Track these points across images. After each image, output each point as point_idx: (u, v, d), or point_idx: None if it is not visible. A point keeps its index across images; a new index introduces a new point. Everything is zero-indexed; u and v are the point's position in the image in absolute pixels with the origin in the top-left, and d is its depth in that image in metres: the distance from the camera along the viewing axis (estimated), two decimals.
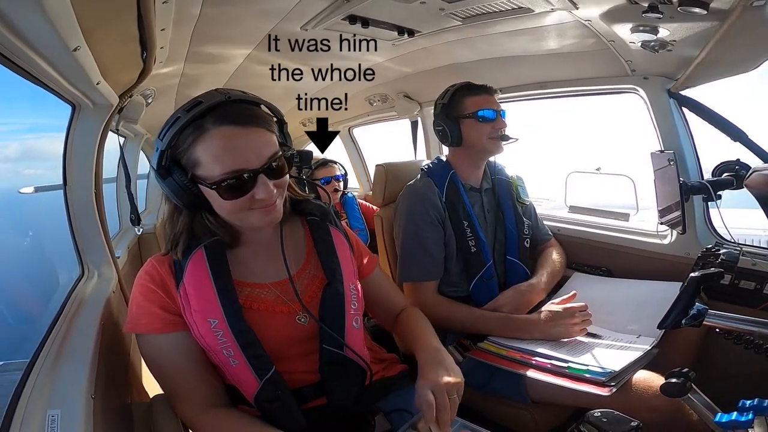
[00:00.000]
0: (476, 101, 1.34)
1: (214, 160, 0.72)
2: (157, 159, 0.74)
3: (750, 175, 0.88)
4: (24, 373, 0.72)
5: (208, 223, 0.81)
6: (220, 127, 0.72)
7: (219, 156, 0.72)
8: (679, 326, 0.81)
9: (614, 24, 1.20)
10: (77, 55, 0.81)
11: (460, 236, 1.31)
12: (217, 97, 0.73)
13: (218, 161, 0.72)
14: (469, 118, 1.33)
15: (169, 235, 0.82)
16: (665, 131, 1.43)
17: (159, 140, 0.75)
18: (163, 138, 0.74)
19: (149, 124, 2.44)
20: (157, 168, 0.74)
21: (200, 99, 0.74)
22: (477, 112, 1.32)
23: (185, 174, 0.74)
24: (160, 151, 0.74)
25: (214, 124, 0.72)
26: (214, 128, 0.72)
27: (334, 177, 2.35)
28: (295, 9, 1.30)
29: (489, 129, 1.32)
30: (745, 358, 0.88)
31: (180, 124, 0.72)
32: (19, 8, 0.62)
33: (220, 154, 0.72)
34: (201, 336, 0.78)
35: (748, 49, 1.12)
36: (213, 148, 0.72)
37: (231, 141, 0.72)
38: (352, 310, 0.86)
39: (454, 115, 1.35)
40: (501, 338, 1.17)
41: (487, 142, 1.33)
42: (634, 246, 1.52)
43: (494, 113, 1.33)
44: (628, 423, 0.63)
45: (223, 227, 0.82)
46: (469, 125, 1.34)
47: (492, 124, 1.32)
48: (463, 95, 1.35)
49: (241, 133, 0.73)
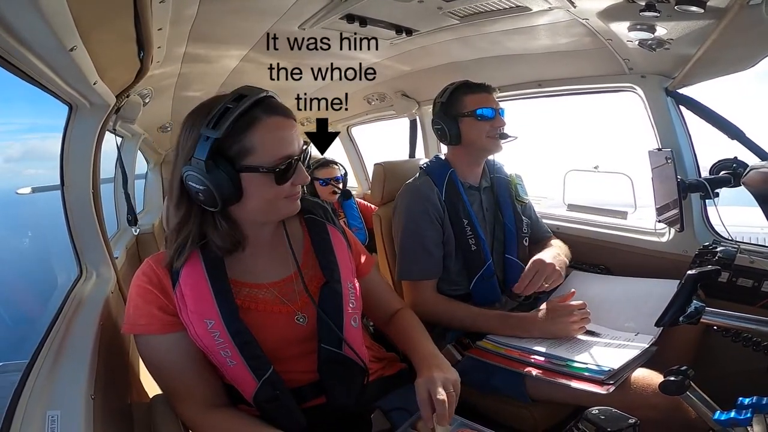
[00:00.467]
0: (475, 99, 1.33)
1: (270, 147, 0.76)
2: (209, 149, 0.73)
3: (747, 173, 0.88)
4: (23, 374, 0.72)
5: (222, 228, 0.79)
6: (273, 117, 0.77)
7: (274, 143, 0.76)
8: (677, 324, 0.81)
9: (612, 22, 1.20)
10: (74, 55, 0.81)
11: (460, 234, 1.31)
12: (258, 92, 0.77)
13: (274, 148, 0.76)
14: (468, 116, 1.33)
15: (174, 242, 0.80)
16: (663, 129, 1.44)
17: (210, 129, 0.73)
18: (216, 126, 0.73)
19: (146, 124, 2.44)
20: (206, 158, 0.73)
21: (242, 92, 0.77)
22: (476, 111, 1.32)
23: (231, 164, 0.75)
24: (214, 140, 0.73)
25: (266, 114, 0.77)
26: (267, 118, 0.76)
27: (333, 179, 2.33)
28: (292, 8, 1.30)
29: (488, 127, 1.32)
30: (743, 356, 0.88)
31: (234, 114, 0.73)
32: (16, 8, 0.62)
33: (275, 142, 0.77)
34: (198, 337, 0.78)
35: (745, 48, 1.13)
36: (268, 136, 0.76)
37: (282, 130, 0.78)
38: (350, 308, 0.86)
39: (453, 114, 1.35)
40: (500, 336, 1.17)
41: (486, 141, 1.33)
42: (632, 244, 1.53)
43: (493, 112, 1.32)
44: (626, 420, 0.63)
45: (232, 233, 0.81)
46: (467, 124, 1.33)
47: (491, 123, 1.32)
48: (462, 94, 1.35)
49: (287, 123, 0.79)
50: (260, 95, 0.77)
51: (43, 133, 2.55)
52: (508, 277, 1.36)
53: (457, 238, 1.31)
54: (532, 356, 1.08)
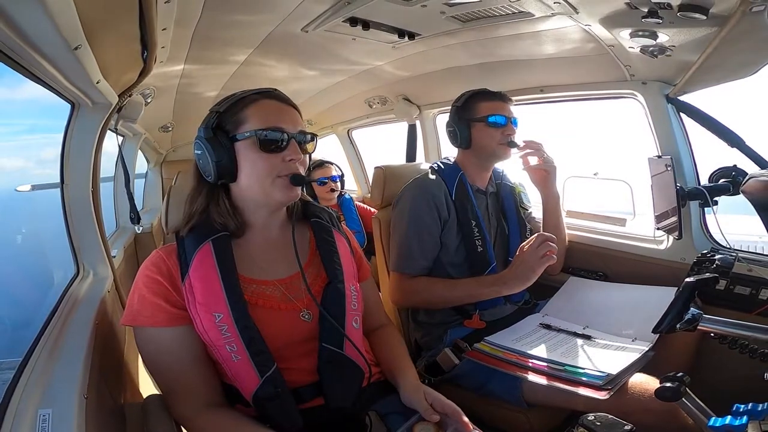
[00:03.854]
0: (489, 106, 1.36)
1: (259, 118, 0.83)
2: (208, 121, 0.85)
3: (747, 181, 0.88)
4: (16, 372, 0.72)
5: (223, 205, 0.86)
6: (271, 100, 0.86)
7: (263, 115, 0.84)
8: (674, 331, 0.81)
9: (614, 29, 1.21)
10: (78, 53, 0.81)
11: (468, 235, 1.33)
12: (269, 89, 0.88)
13: (262, 118, 0.83)
14: (480, 122, 1.36)
15: (186, 212, 0.88)
16: (663, 136, 1.44)
17: (216, 107, 0.86)
18: (220, 104, 0.86)
19: (148, 124, 2.44)
20: (205, 127, 0.84)
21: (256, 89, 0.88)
22: (488, 117, 1.35)
23: (227, 136, 0.83)
24: (213, 113, 0.85)
25: (265, 97, 0.86)
26: (265, 99, 0.86)
27: (330, 178, 2.35)
28: (296, 11, 1.31)
29: (498, 135, 1.35)
30: (739, 363, 0.88)
31: (237, 97, 0.86)
32: (21, 6, 0.62)
33: (265, 114, 0.84)
34: (204, 330, 0.78)
35: (747, 55, 1.13)
36: (259, 109, 0.84)
37: (276, 108, 0.86)
38: (352, 309, 0.88)
39: (466, 118, 1.38)
40: (497, 338, 1.17)
41: (496, 147, 1.36)
42: (630, 251, 1.53)
43: (505, 119, 1.36)
44: (621, 427, 0.63)
45: (234, 214, 0.86)
46: (479, 129, 1.36)
47: (502, 130, 1.35)
48: (478, 100, 1.38)
49: (284, 106, 0.87)
50: (266, 88, 0.87)
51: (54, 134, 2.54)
52: None
53: (465, 238, 1.33)
54: (529, 360, 1.08)
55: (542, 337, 1.19)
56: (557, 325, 1.24)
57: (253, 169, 0.83)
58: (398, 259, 1.35)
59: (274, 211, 0.89)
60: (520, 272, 1.17)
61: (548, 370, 1.04)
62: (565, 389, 0.97)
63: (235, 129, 0.83)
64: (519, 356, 1.10)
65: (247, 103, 0.84)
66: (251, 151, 0.82)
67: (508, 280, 1.19)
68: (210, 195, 0.87)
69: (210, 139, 0.82)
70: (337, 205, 2.39)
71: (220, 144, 0.82)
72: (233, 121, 0.84)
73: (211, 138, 0.82)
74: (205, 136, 0.83)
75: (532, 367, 1.06)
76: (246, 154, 0.83)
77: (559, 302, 1.38)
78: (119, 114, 1.55)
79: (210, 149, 0.82)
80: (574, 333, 1.19)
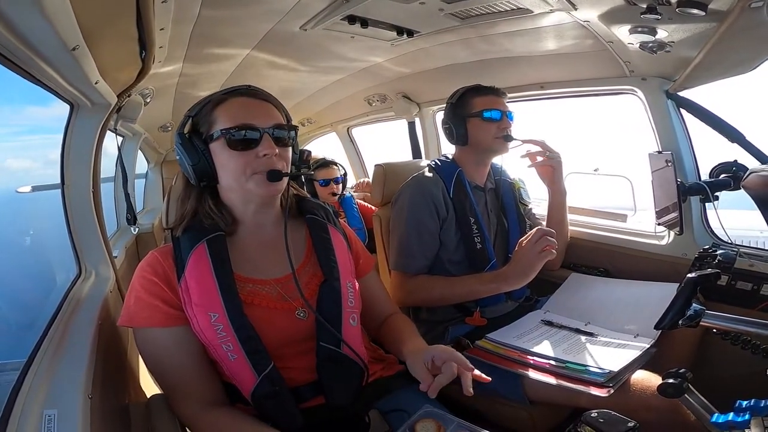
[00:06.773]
0: (483, 101, 1.36)
1: (228, 117, 0.82)
2: (181, 124, 0.85)
3: (747, 177, 0.88)
4: (21, 373, 0.72)
5: (208, 207, 0.86)
6: (241, 97, 0.85)
7: (232, 114, 0.83)
8: (677, 327, 0.81)
9: (613, 25, 1.20)
10: (76, 54, 0.81)
11: (467, 233, 1.33)
12: (241, 87, 0.87)
13: (231, 117, 0.82)
14: (475, 117, 1.35)
15: (177, 213, 0.88)
16: (663, 132, 1.44)
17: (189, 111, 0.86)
18: (192, 109, 0.86)
19: (147, 124, 2.44)
20: (179, 132, 0.84)
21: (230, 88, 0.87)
22: (483, 112, 1.34)
23: (201, 139, 0.83)
24: (185, 117, 0.85)
25: (235, 96, 0.85)
26: (235, 98, 0.85)
27: (333, 180, 2.32)
28: (294, 9, 1.30)
29: (494, 129, 1.34)
30: (741, 359, 0.88)
31: (207, 100, 0.85)
32: (19, 7, 0.62)
33: (233, 113, 0.83)
34: (200, 330, 0.78)
35: (746, 51, 1.12)
36: (228, 109, 0.83)
37: (244, 105, 0.84)
38: (348, 307, 0.87)
39: (462, 115, 1.37)
40: (498, 335, 1.18)
41: (493, 142, 1.35)
42: (631, 247, 1.53)
43: (500, 114, 1.35)
44: (624, 423, 0.63)
45: (222, 213, 0.86)
46: (474, 124, 1.36)
47: (497, 124, 1.34)
48: (472, 95, 1.38)
49: (254, 102, 0.85)
50: (238, 87, 0.86)
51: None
52: None
53: (464, 235, 1.33)
54: (531, 357, 1.08)
55: (544, 333, 1.19)
56: (559, 322, 1.23)
57: (227, 169, 0.83)
58: (398, 258, 1.35)
59: (261, 206, 0.88)
60: (520, 268, 1.17)
61: (550, 367, 1.04)
62: (567, 386, 0.98)
63: (208, 131, 0.83)
64: (521, 353, 1.10)
65: (216, 104, 0.84)
66: (224, 151, 0.82)
67: (508, 277, 1.19)
68: (198, 197, 0.87)
69: (184, 144, 0.83)
70: (338, 202, 2.38)
71: (194, 147, 0.83)
72: (206, 123, 0.84)
73: (185, 142, 0.83)
74: (180, 140, 0.84)
75: (533, 364, 1.06)
76: (220, 154, 0.83)
77: (560, 299, 1.38)
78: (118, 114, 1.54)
79: (184, 153, 0.83)
80: (575, 330, 1.19)
